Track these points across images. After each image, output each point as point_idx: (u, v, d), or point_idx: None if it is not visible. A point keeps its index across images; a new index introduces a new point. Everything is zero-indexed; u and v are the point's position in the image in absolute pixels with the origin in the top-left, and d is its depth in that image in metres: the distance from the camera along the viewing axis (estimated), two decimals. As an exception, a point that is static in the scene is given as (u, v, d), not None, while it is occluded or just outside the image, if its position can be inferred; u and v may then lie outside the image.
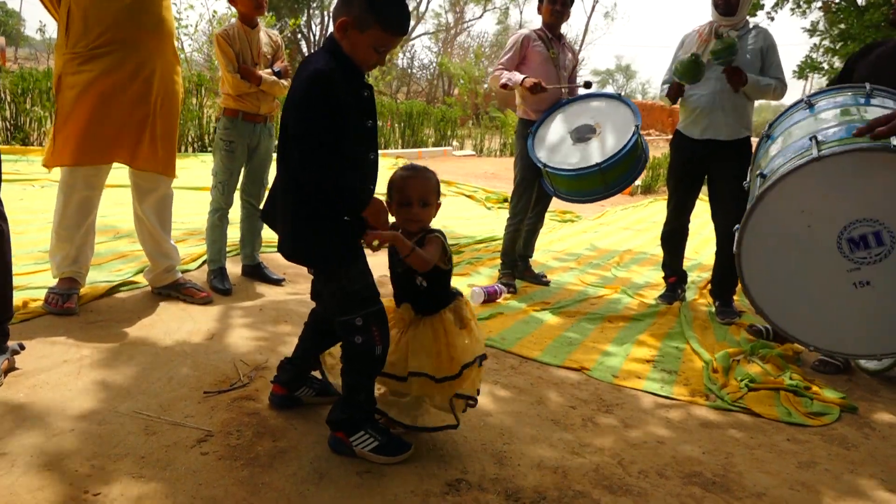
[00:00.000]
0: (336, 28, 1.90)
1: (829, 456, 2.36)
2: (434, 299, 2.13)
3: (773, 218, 2.29)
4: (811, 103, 2.73)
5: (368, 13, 1.85)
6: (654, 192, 11.28)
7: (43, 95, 8.65)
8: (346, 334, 1.98)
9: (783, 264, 2.33)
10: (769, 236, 2.32)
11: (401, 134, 14.63)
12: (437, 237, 2.08)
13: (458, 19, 32.31)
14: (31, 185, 5.88)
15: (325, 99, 1.82)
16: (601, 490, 1.99)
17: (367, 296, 1.99)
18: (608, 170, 3.83)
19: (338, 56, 1.90)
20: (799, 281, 2.31)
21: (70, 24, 2.78)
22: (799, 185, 2.22)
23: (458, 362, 2.05)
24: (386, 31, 1.89)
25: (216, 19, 12.84)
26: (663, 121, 25.33)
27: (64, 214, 2.93)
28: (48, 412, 2.09)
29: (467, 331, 2.11)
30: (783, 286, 2.35)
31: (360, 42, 1.89)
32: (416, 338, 2.09)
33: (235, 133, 3.48)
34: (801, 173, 2.19)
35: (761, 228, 2.32)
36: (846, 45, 13.07)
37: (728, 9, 3.69)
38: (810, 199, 2.22)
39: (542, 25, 4.20)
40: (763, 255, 2.36)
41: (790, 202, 2.24)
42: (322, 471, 1.93)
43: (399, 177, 2.09)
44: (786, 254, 2.32)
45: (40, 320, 2.82)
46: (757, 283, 2.39)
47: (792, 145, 2.47)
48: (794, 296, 2.34)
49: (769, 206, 2.29)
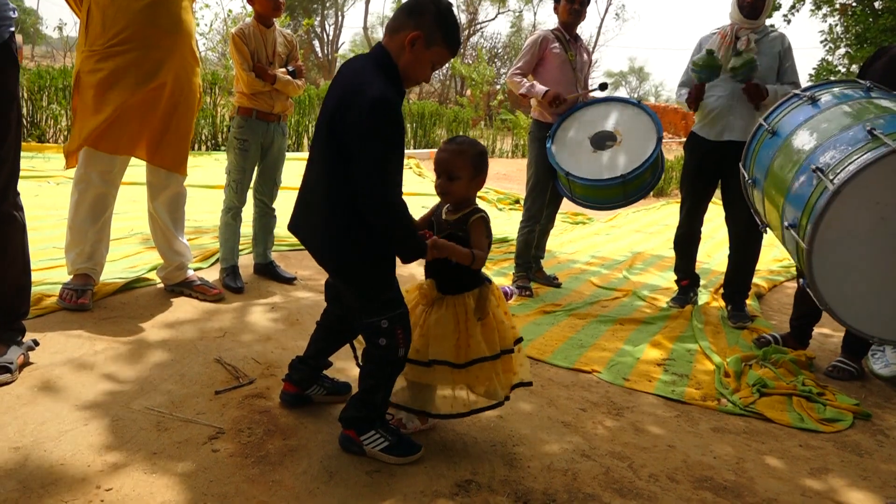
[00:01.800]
0: (404, 40, 1.89)
1: (842, 463, 2.34)
2: (458, 279, 2.11)
3: (849, 211, 2.25)
4: (814, 98, 2.74)
5: (437, 30, 1.88)
6: (666, 195, 11.23)
7: (59, 93, 8.74)
8: (371, 336, 1.98)
9: (855, 259, 2.29)
10: (843, 231, 2.28)
11: (413, 134, 14.64)
12: (480, 221, 2.07)
13: (471, 20, 32.31)
14: (46, 181, 5.93)
15: (395, 127, 1.83)
16: (611, 493, 1.98)
17: (393, 298, 2.00)
18: (630, 181, 3.82)
19: (388, 71, 1.90)
20: (872, 275, 2.28)
21: (89, 22, 2.81)
22: (876, 177, 2.20)
23: (472, 353, 2.06)
24: (448, 49, 1.93)
25: (231, 18, 12.91)
26: (676, 124, 25.19)
27: (78, 211, 2.95)
28: (61, 407, 2.11)
29: (488, 324, 2.10)
30: (853, 281, 2.31)
31: (423, 58, 1.91)
32: (439, 322, 2.09)
33: (249, 132, 3.49)
34: (881, 164, 2.18)
35: (836, 223, 2.27)
36: (862, 49, 12.97)
37: (753, 12, 3.67)
38: (885, 190, 2.21)
39: (559, 25, 4.17)
40: (835, 250, 2.31)
41: (867, 193, 2.22)
42: (332, 469, 1.94)
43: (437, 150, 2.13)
44: (858, 248, 2.28)
45: (54, 316, 2.84)
46: (826, 279, 2.34)
47: (839, 138, 2.43)
48: (867, 291, 2.31)
49: (847, 199, 2.24)
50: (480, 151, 2.10)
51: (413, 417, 2.22)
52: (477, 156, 2.08)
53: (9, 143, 2.20)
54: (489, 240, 2.11)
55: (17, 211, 2.31)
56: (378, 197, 1.84)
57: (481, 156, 2.09)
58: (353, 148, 1.84)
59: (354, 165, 1.84)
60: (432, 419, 2.23)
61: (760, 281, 4.84)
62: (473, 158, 2.07)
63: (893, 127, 2.30)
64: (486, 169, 2.11)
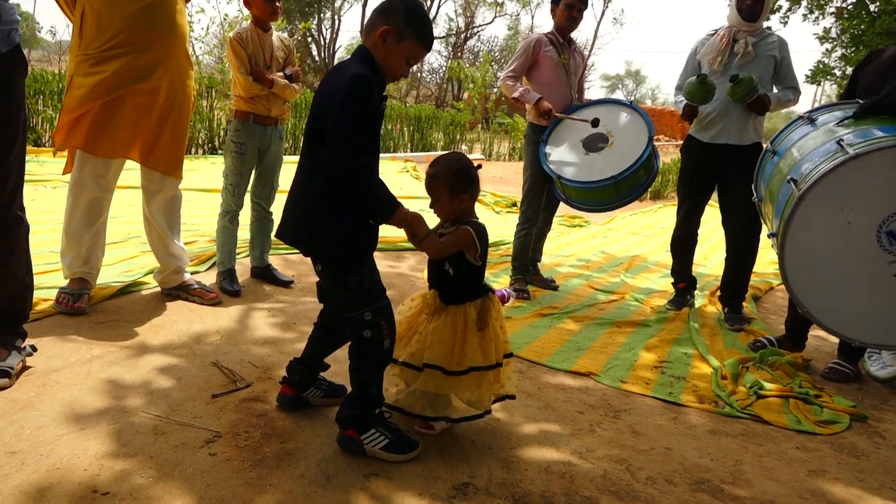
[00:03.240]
0: (376, 35, 1.97)
1: (839, 464, 2.34)
2: (459, 290, 2.17)
3: (815, 216, 2.37)
4: (812, 118, 2.84)
5: (407, 25, 1.96)
6: (663, 198, 11.25)
7: (55, 97, 8.72)
8: (355, 329, 2.01)
9: (825, 262, 2.40)
10: (811, 235, 2.40)
11: (410, 137, 14.63)
12: (464, 229, 2.11)
13: (468, 23, 32.37)
14: (42, 185, 5.92)
15: (368, 100, 1.90)
16: (609, 496, 1.98)
17: (376, 291, 2.04)
18: (622, 182, 3.82)
19: (370, 65, 1.97)
20: (842, 277, 2.38)
21: (83, 26, 2.81)
22: (837, 183, 2.31)
23: (467, 361, 2.10)
24: (419, 44, 2.01)
25: (227, 23, 12.91)
26: (673, 126, 25.27)
27: (73, 215, 2.95)
28: (58, 411, 2.10)
29: (486, 335, 2.14)
30: (826, 284, 2.42)
31: (396, 52, 1.99)
32: (437, 330, 2.13)
33: (246, 135, 3.49)
34: (840, 171, 2.30)
35: (803, 228, 2.39)
36: (858, 51, 13.03)
37: (751, 14, 3.68)
38: (849, 195, 2.31)
39: (554, 29, 4.19)
40: (806, 255, 2.43)
41: (830, 200, 2.33)
42: (329, 473, 1.94)
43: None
44: (828, 251, 2.40)
45: (51, 320, 2.84)
46: (800, 283, 2.47)
47: (816, 151, 2.55)
48: (838, 292, 2.41)
49: (810, 205, 2.36)
50: (457, 170, 2.12)
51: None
52: (452, 176, 2.11)
53: (17, 149, 2.23)
54: (478, 249, 2.12)
55: (23, 213, 2.35)
56: (346, 160, 1.86)
57: (458, 174, 2.11)
58: (327, 122, 1.89)
59: (326, 136, 1.88)
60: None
61: (757, 283, 4.84)
62: (448, 179, 2.11)
63: (861, 137, 2.39)
64: (467, 184, 2.12)
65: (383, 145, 13.46)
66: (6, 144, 2.19)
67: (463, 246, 2.11)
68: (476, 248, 2.12)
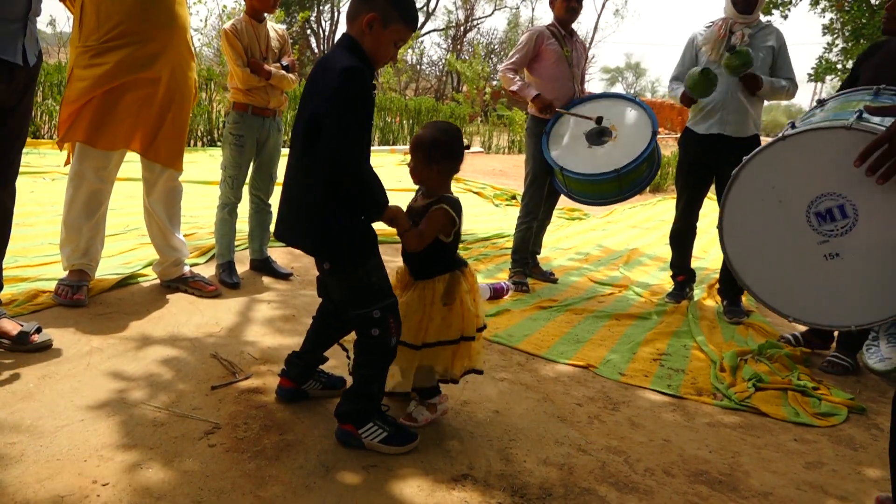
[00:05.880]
0: (362, 23, 1.93)
1: (837, 456, 2.35)
2: (426, 265, 2.17)
3: (748, 195, 2.43)
4: (823, 102, 2.81)
5: (392, 8, 1.93)
6: (662, 191, 11.24)
7: (54, 88, 8.71)
8: (363, 327, 2.00)
9: (762, 240, 2.47)
10: (746, 213, 2.45)
11: (409, 130, 14.61)
12: (439, 209, 2.10)
13: (468, 16, 32.23)
14: (41, 177, 5.91)
15: (365, 94, 1.88)
16: (607, 487, 1.99)
17: (383, 288, 2.02)
18: (625, 176, 3.82)
19: (358, 54, 1.94)
20: (778, 255, 2.44)
21: (83, 18, 2.80)
22: (766, 163, 2.40)
23: (429, 336, 2.12)
24: (407, 25, 1.98)
25: (226, 14, 12.87)
26: (672, 119, 25.20)
27: (73, 207, 2.95)
28: (57, 403, 2.10)
29: (453, 309, 2.13)
30: (764, 261, 2.48)
31: (383, 37, 1.96)
32: (407, 304, 2.13)
33: (245, 127, 3.49)
34: (767, 152, 2.38)
35: (738, 205, 2.46)
36: (858, 45, 13.00)
37: (746, 6, 3.67)
38: (778, 176, 2.37)
39: (554, 21, 4.17)
40: (743, 231, 2.48)
41: (760, 180, 2.40)
42: (328, 464, 1.94)
43: None
44: (763, 229, 2.47)
45: (50, 311, 2.84)
46: (740, 259, 2.52)
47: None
48: (775, 270, 2.47)
49: (743, 184, 2.44)
50: (436, 140, 2.11)
51: (422, 409, 2.24)
52: (431, 142, 2.10)
53: (20, 143, 2.41)
54: (453, 227, 2.13)
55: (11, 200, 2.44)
56: (353, 158, 1.87)
57: (436, 143, 2.10)
58: (323, 118, 1.87)
59: (325, 133, 1.87)
60: (440, 409, 2.27)
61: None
62: (427, 144, 2.11)
63: (814, 120, 2.43)
64: (443, 156, 2.11)
65: (382, 138, 13.45)
66: (22, 135, 2.37)
67: (440, 230, 2.10)
68: (454, 225, 2.12)
